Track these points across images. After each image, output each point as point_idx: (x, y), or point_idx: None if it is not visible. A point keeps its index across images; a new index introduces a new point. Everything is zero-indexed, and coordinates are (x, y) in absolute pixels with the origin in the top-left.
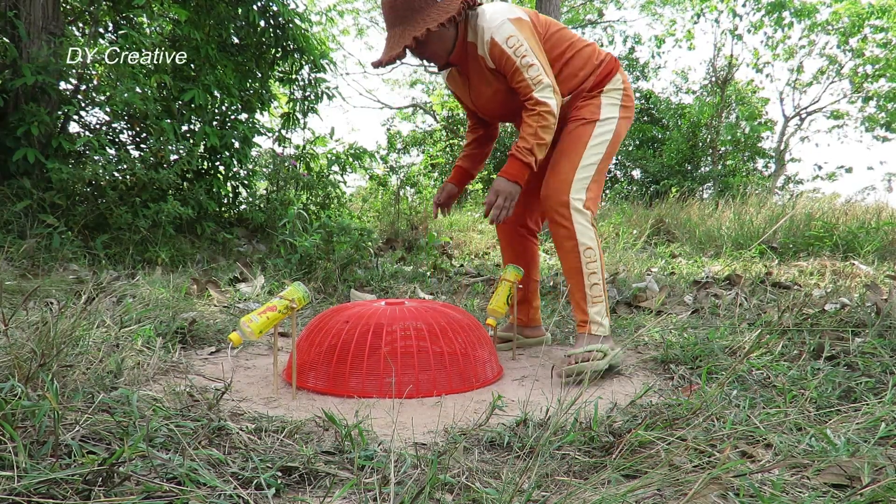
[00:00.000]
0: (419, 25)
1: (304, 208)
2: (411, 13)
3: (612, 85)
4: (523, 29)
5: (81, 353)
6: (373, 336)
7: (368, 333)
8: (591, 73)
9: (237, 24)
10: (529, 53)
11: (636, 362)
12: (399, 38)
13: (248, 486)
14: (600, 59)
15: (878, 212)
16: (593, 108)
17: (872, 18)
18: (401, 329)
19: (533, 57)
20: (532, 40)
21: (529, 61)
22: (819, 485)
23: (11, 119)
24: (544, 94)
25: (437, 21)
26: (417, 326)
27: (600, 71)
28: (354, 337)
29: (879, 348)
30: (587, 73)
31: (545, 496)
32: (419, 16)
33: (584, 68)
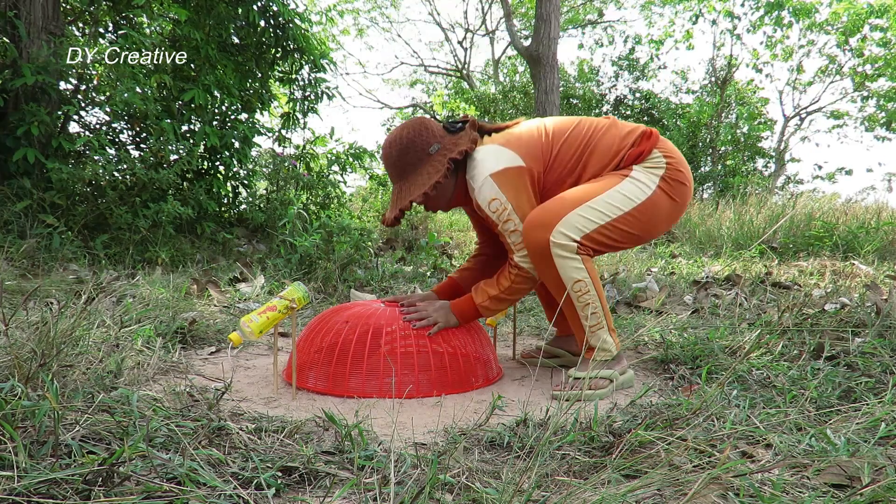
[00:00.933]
0: (415, 189)
1: (304, 208)
2: (407, 169)
3: (649, 163)
4: (508, 183)
5: (81, 353)
6: (372, 336)
7: (368, 334)
8: (620, 151)
9: (237, 24)
10: (512, 217)
11: (636, 362)
12: (399, 197)
13: (248, 486)
14: (632, 138)
15: (878, 212)
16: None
17: (872, 17)
18: (400, 329)
19: (516, 221)
20: (519, 193)
21: (511, 227)
22: (819, 485)
23: (11, 119)
24: (523, 260)
25: (431, 182)
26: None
27: (632, 151)
28: (354, 337)
29: (879, 348)
30: (615, 152)
31: (545, 496)
32: (413, 175)
33: (610, 151)
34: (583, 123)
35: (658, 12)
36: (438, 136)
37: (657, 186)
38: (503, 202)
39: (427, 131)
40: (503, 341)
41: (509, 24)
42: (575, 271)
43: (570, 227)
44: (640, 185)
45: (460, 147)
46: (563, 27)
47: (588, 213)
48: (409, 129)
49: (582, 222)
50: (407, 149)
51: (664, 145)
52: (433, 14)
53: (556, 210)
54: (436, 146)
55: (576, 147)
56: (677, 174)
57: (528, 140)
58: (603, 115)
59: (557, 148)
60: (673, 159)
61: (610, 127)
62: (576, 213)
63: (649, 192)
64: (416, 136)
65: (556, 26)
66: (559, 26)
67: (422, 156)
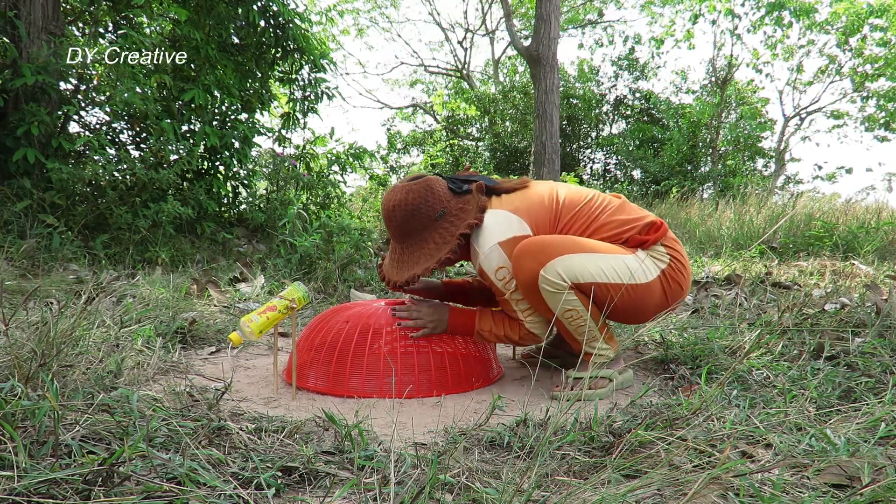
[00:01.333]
0: (423, 260)
1: (304, 208)
2: (412, 234)
3: (653, 252)
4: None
5: (81, 353)
6: (373, 336)
7: (368, 333)
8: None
9: (237, 24)
10: (517, 293)
11: (636, 362)
12: (403, 262)
13: (248, 486)
14: (639, 224)
15: (878, 212)
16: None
17: (871, 17)
18: (401, 329)
19: (520, 295)
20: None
21: (519, 296)
22: (819, 485)
23: (11, 119)
24: (534, 327)
25: (439, 256)
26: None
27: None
28: (354, 337)
29: (879, 348)
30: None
31: (545, 496)
32: (418, 241)
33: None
34: (594, 199)
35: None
36: (444, 200)
37: (658, 277)
38: (511, 271)
39: (433, 196)
40: None
41: (509, 24)
42: (565, 303)
43: (567, 268)
44: (644, 267)
45: (468, 219)
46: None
47: (589, 264)
48: (415, 193)
49: (579, 270)
50: (412, 214)
51: (670, 241)
52: (433, 14)
53: (556, 246)
54: (441, 211)
55: (583, 221)
56: (677, 274)
57: (537, 208)
58: (603, 114)
59: (566, 220)
60: (676, 259)
61: (619, 208)
62: (577, 257)
63: (650, 278)
64: (421, 202)
65: (556, 26)
66: (559, 26)
67: (427, 222)
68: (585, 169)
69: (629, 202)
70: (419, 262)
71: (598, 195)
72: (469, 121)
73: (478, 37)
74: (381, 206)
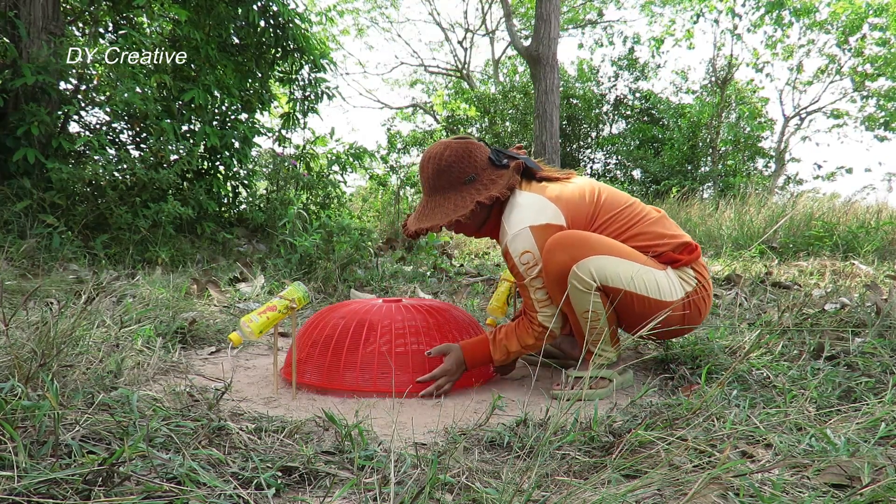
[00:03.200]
0: (437, 216)
1: (304, 208)
2: (438, 189)
3: (683, 273)
4: (545, 239)
5: (81, 353)
6: (368, 331)
7: (364, 329)
8: (660, 247)
9: (237, 24)
10: (542, 274)
11: (636, 362)
12: (422, 215)
13: (248, 486)
14: (675, 242)
15: (878, 212)
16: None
17: (871, 17)
18: (396, 327)
19: (541, 283)
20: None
21: (539, 284)
22: (819, 485)
23: (11, 119)
24: (547, 319)
25: (451, 217)
26: (413, 324)
27: (671, 254)
28: (350, 332)
29: (879, 348)
30: (655, 245)
31: (545, 496)
32: (442, 198)
33: (650, 242)
34: (635, 206)
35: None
36: (478, 166)
37: (681, 298)
38: (537, 258)
39: (468, 159)
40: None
41: (509, 24)
42: (585, 304)
43: (600, 269)
44: (672, 285)
45: (492, 191)
46: (563, 27)
47: (621, 270)
48: (452, 151)
49: (611, 273)
50: (443, 171)
51: (700, 265)
52: (433, 14)
53: (592, 244)
54: (472, 177)
55: (620, 225)
56: (700, 301)
57: (577, 202)
58: (603, 114)
59: (603, 219)
60: (702, 285)
61: (657, 221)
62: (612, 260)
63: (674, 298)
64: (455, 161)
65: (556, 26)
66: (559, 26)
67: (455, 183)
68: (585, 169)
69: (668, 218)
70: (433, 218)
71: (638, 203)
72: (469, 121)
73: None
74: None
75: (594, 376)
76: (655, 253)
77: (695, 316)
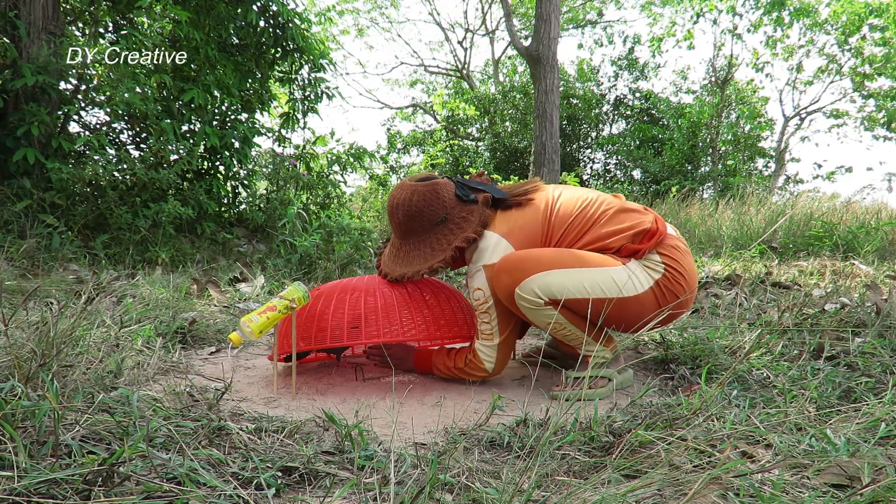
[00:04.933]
0: (416, 262)
1: (304, 208)
2: (411, 234)
3: (647, 262)
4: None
5: (81, 353)
6: (353, 291)
7: (347, 292)
8: (616, 243)
9: (237, 24)
10: (490, 311)
11: (636, 362)
12: (398, 259)
13: (248, 486)
14: (631, 232)
15: (878, 212)
16: (625, 259)
17: (871, 17)
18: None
19: (492, 314)
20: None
21: (486, 319)
22: (819, 485)
23: (11, 119)
24: (485, 350)
25: (430, 263)
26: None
27: (630, 247)
28: (335, 293)
29: (879, 348)
30: (611, 243)
31: (545, 496)
32: (416, 241)
33: (606, 239)
34: (589, 207)
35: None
36: (448, 206)
37: (650, 288)
38: (487, 296)
39: (437, 201)
40: None
41: (509, 23)
42: (545, 318)
43: (543, 286)
44: (633, 278)
45: (467, 232)
46: (563, 27)
47: (569, 282)
48: (419, 196)
49: (557, 288)
50: (413, 217)
51: (668, 248)
52: (433, 14)
53: (533, 262)
54: (443, 217)
55: (576, 233)
56: (674, 285)
57: (531, 227)
58: (603, 114)
59: (559, 233)
60: (672, 269)
61: (614, 215)
62: (555, 275)
63: (640, 290)
64: (424, 205)
65: (556, 26)
66: (559, 26)
67: (427, 226)
68: (585, 169)
69: (628, 205)
70: (412, 264)
71: (594, 201)
72: (469, 121)
73: (478, 37)
74: (387, 201)
75: (594, 376)
76: (613, 249)
77: (673, 301)
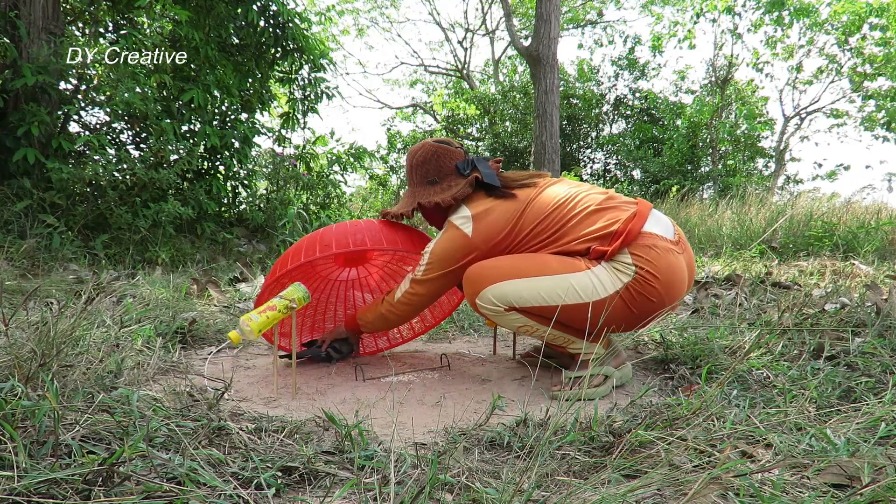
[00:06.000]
0: (399, 205)
1: (304, 208)
2: (409, 181)
3: (617, 264)
4: (450, 240)
5: (81, 353)
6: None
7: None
8: (587, 243)
9: (237, 24)
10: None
11: (636, 362)
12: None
13: (248, 486)
14: (603, 232)
15: (878, 212)
16: (590, 263)
17: (871, 17)
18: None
19: (426, 257)
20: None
21: (425, 259)
22: (819, 485)
23: (11, 119)
24: (404, 283)
25: (404, 208)
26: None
27: (599, 248)
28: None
29: (879, 348)
30: (581, 242)
31: (545, 496)
32: (409, 189)
33: (579, 238)
34: (564, 206)
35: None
36: (444, 172)
37: (616, 291)
38: (430, 250)
39: (435, 162)
40: (503, 341)
41: (509, 23)
42: (512, 322)
43: (500, 296)
44: (596, 283)
45: (438, 197)
46: (563, 27)
47: (525, 291)
48: (423, 152)
49: (514, 296)
50: (413, 168)
51: (642, 248)
52: (433, 14)
53: (491, 273)
54: (433, 179)
55: (547, 236)
56: (645, 287)
57: (494, 222)
58: (603, 114)
59: (525, 232)
60: (644, 270)
61: (590, 214)
62: (512, 284)
63: (604, 294)
64: (423, 162)
65: (556, 26)
66: (559, 26)
67: (422, 181)
68: (585, 169)
69: (614, 200)
70: (396, 207)
71: (571, 198)
72: (469, 121)
73: (478, 37)
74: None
75: (593, 374)
76: (580, 252)
77: (645, 304)
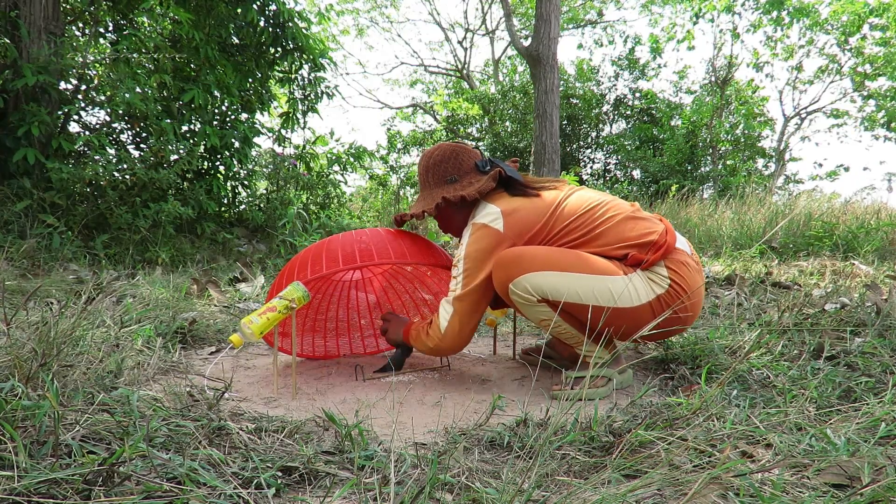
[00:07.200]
0: (416, 205)
1: (304, 208)
2: (424, 185)
3: (652, 274)
4: (481, 239)
5: (81, 353)
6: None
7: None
8: (624, 249)
9: (237, 24)
10: (459, 264)
11: (636, 362)
12: (425, 200)
13: (248, 486)
14: (640, 241)
15: (878, 212)
16: (628, 269)
17: (871, 17)
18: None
19: (460, 267)
20: (480, 256)
21: (456, 273)
22: (819, 485)
23: (12, 119)
24: (444, 307)
25: (422, 208)
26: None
27: (637, 256)
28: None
29: (879, 348)
30: (619, 248)
31: (545, 496)
32: (426, 191)
33: (614, 244)
34: (598, 208)
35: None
36: (463, 170)
37: (648, 302)
38: (463, 250)
39: (454, 161)
40: (503, 341)
41: (509, 23)
42: (539, 314)
43: (536, 286)
44: (631, 290)
45: (462, 192)
46: (563, 27)
47: (562, 285)
48: (441, 152)
49: (549, 288)
50: (430, 169)
51: (677, 263)
52: (433, 14)
53: (530, 260)
54: (454, 178)
55: (582, 232)
56: (675, 301)
57: (526, 219)
58: (603, 114)
59: (559, 229)
60: (677, 284)
61: (624, 220)
62: (550, 276)
63: (637, 303)
64: (442, 161)
65: (556, 26)
66: (559, 26)
67: (440, 181)
68: (585, 169)
69: (641, 212)
70: (415, 207)
71: (603, 203)
72: (469, 121)
73: (478, 37)
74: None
75: (594, 375)
76: (619, 256)
77: (672, 318)
